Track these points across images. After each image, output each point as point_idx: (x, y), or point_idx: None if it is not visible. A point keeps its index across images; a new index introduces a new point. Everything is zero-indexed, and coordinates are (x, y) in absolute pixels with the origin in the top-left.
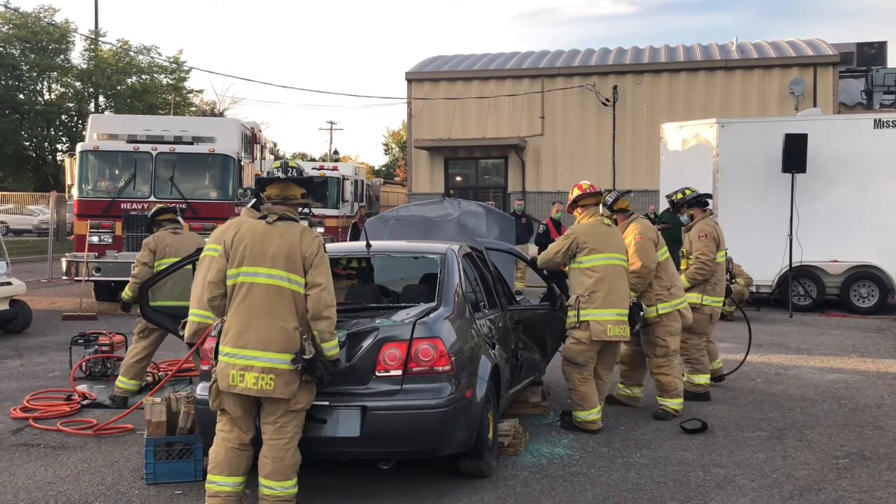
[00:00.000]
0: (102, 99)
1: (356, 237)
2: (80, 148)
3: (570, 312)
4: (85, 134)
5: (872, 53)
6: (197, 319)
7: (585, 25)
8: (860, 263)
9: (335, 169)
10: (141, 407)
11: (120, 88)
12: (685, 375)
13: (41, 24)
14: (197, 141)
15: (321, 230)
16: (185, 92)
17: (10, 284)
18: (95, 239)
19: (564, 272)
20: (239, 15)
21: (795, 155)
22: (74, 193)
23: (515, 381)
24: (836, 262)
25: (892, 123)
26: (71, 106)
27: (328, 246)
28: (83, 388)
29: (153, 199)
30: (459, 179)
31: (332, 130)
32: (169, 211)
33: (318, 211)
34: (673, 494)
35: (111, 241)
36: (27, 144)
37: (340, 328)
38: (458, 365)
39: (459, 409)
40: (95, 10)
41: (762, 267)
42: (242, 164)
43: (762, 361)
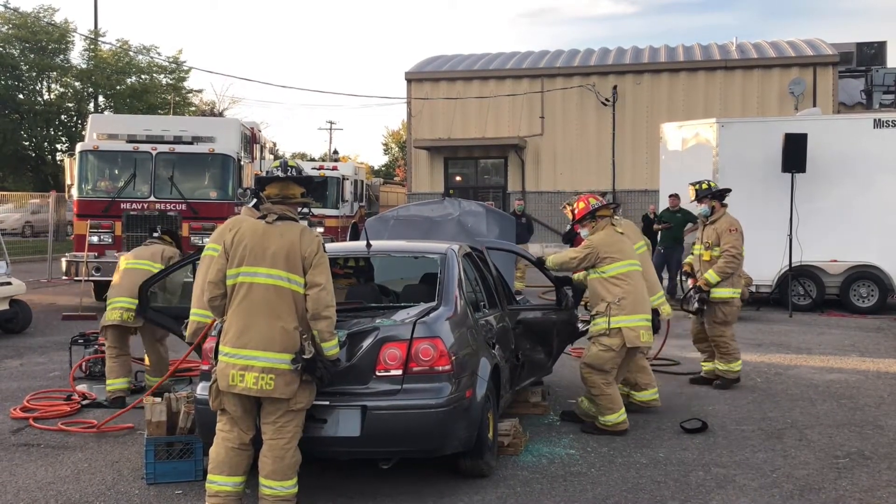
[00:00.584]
0: (102, 99)
1: (356, 237)
2: (79, 148)
3: (598, 320)
4: (84, 134)
5: (872, 53)
6: (197, 319)
7: (585, 25)
8: (860, 263)
9: (335, 169)
10: (141, 406)
11: (119, 88)
12: (722, 365)
13: (41, 24)
14: (197, 141)
15: (321, 230)
16: (184, 92)
17: (9, 284)
18: (95, 239)
19: (570, 277)
20: (239, 15)
21: (795, 155)
22: (74, 193)
23: (516, 380)
24: (835, 261)
25: (891, 123)
26: (70, 106)
27: (328, 246)
28: (83, 387)
29: (153, 198)
30: (459, 179)
31: (331, 130)
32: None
33: (317, 211)
34: (673, 494)
35: (111, 241)
36: (27, 144)
37: (340, 328)
38: (458, 365)
39: (459, 408)
40: (95, 10)
41: (762, 267)
42: (242, 163)
43: (762, 361)
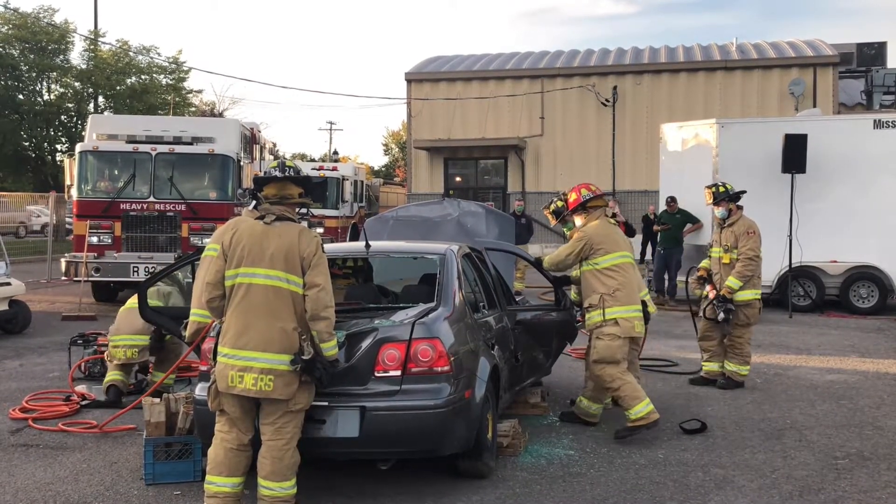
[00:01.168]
0: (102, 99)
1: (356, 237)
2: (79, 148)
3: (592, 313)
4: (84, 134)
5: (872, 54)
6: (197, 319)
7: (585, 25)
8: (860, 264)
9: (335, 169)
10: (140, 406)
11: (119, 89)
12: (732, 366)
13: (41, 24)
14: (196, 141)
15: (321, 230)
16: (184, 92)
17: (9, 285)
18: (95, 239)
19: (569, 276)
20: (239, 15)
21: (795, 155)
22: (74, 194)
23: (515, 381)
24: (835, 262)
25: (891, 124)
26: (70, 106)
27: (327, 246)
28: (82, 388)
29: (152, 199)
30: (459, 180)
31: (331, 131)
32: None
33: (317, 211)
34: (672, 495)
35: (110, 241)
36: (26, 145)
37: (339, 328)
38: (457, 365)
39: (458, 409)
40: (95, 10)
41: (762, 267)
42: (242, 164)
43: (762, 362)
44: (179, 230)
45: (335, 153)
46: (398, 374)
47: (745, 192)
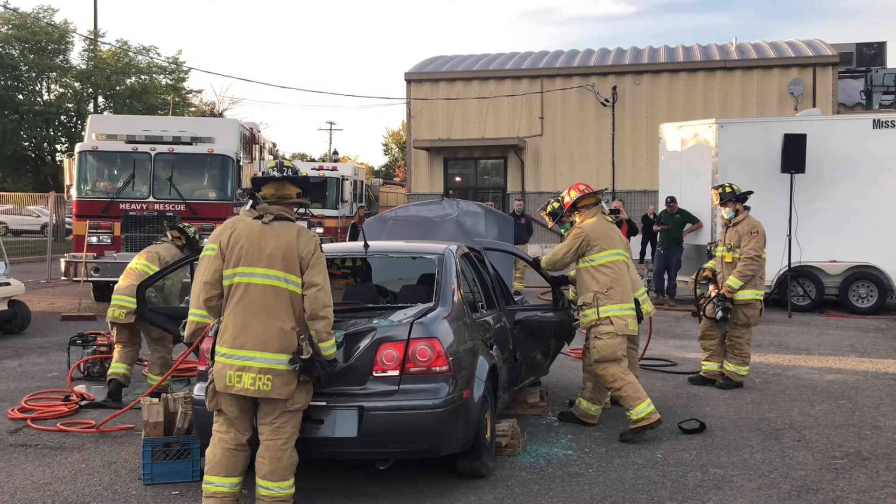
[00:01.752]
0: (101, 99)
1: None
2: (78, 148)
3: (586, 311)
4: (84, 134)
5: (872, 54)
6: (196, 319)
7: (585, 25)
8: (859, 264)
9: (334, 169)
10: (138, 406)
11: (119, 89)
12: (731, 366)
13: (40, 24)
14: (196, 141)
15: (320, 230)
16: (184, 92)
17: (8, 285)
18: (94, 239)
19: (567, 276)
20: (238, 15)
21: (794, 155)
22: (73, 194)
23: (514, 381)
24: (834, 262)
25: (891, 123)
26: (70, 106)
27: (326, 246)
28: (81, 388)
29: (152, 199)
30: (459, 180)
31: (331, 131)
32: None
33: (317, 211)
34: (671, 495)
35: (110, 241)
36: (26, 145)
37: (338, 328)
38: (455, 365)
39: (457, 409)
40: (94, 10)
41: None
42: (241, 164)
43: (761, 361)
44: None
45: (335, 153)
46: (396, 373)
47: (751, 192)
